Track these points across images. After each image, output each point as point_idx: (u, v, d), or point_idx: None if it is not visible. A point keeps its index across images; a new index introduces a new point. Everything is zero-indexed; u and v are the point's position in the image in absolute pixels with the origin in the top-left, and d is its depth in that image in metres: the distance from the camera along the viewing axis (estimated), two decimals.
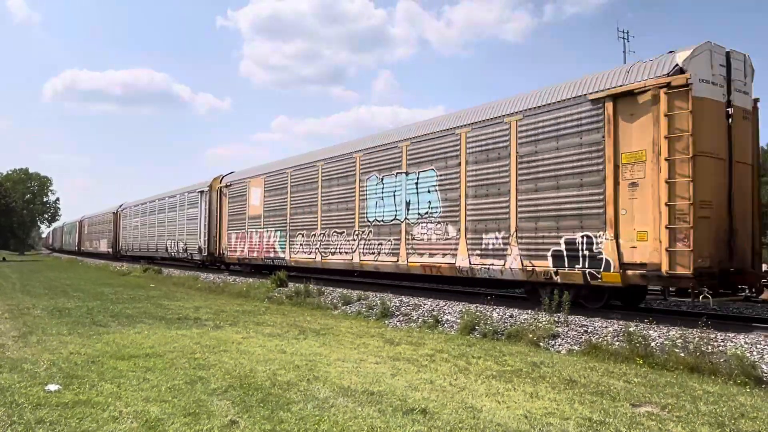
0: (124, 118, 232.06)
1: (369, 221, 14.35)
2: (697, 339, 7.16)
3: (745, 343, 7.10)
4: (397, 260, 13.27)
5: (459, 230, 11.67)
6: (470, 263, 11.34)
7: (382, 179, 14.01)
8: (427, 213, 12.54)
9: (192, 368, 6.50)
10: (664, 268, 8.23)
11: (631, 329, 7.88)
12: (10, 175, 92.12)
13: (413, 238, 12.86)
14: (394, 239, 13.43)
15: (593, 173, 9.28)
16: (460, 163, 11.81)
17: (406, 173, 13.26)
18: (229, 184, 22.79)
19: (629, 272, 8.73)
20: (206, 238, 24.43)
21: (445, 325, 10.16)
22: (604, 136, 9.14)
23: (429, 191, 12.53)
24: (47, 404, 5.01)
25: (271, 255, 19.01)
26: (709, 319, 7.77)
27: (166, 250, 30.05)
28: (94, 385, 5.70)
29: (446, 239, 12.00)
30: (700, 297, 8.06)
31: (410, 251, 12.93)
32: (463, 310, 10.44)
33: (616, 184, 8.94)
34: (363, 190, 14.71)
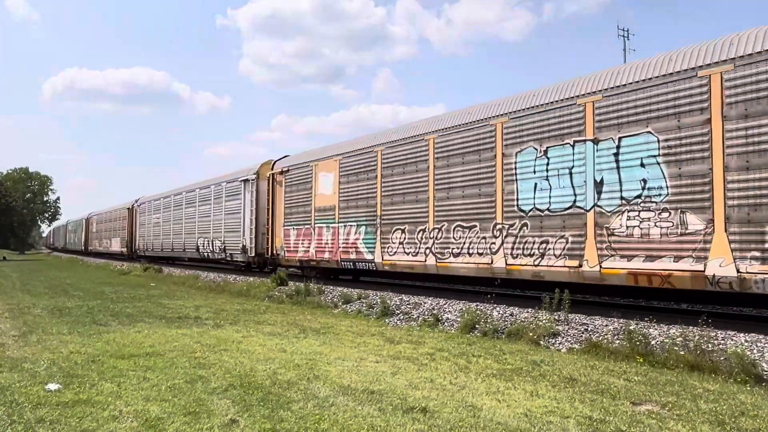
0: (123, 118, 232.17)
1: (522, 210, 10.60)
2: (697, 337, 7.16)
3: (746, 341, 7.10)
4: (580, 265, 9.53)
5: (710, 220, 8.00)
6: (738, 271, 7.67)
7: (546, 152, 10.28)
8: (638, 196, 8.84)
9: (192, 367, 6.50)
10: None
11: (631, 328, 7.88)
12: (10, 174, 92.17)
13: (611, 234, 9.15)
14: (573, 235, 9.72)
15: None
16: (709, 120, 8.07)
17: (595, 141, 9.51)
18: (285, 169, 18.50)
19: None
20: (253, 236, 20.21)
21: (446, 323, 10.16)
22: None
23: (642, 164, 8.85)
24: (47, 403, 5.01)
25: (352, 256, 15.01)
26: (709, 318, 7.76)
27: (197, 249, 25.56)
28: (95, 384, 5.70)
29: (682, 234, 8.31)
30: None
31: (606, 252, 9.20)
32: (464, 308, 10.43)
33: None
34: (510, 168, 10.91)
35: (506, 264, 10.91)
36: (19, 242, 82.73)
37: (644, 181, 8.88)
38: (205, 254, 24.84)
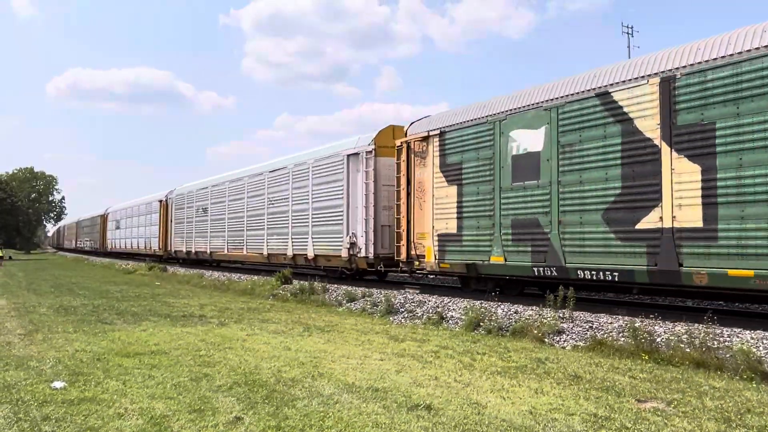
0: (127, 117, 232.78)
1: None
2: (702, 334, 7.12)
3: (751, 338, 7.06)
4: None
5: None
6: None
7: None
8: None
9: (197, 365, 6.52)
10: None
11: (636, 325, 7.84)
12: (16, 174, 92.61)
13: None
14: None
15: None
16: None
17: None
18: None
19: None
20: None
21: (450, 321, 10.15)
22: None
23: None
24: (53, 401, 5.03)
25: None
26: (714, 314, 7.72)
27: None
28: (100, 382, 5.72)
29: None
30: None
31: None
32: (468, 306, 10.41)
33: None
34: None
35: None
36: (24, 242, 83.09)
37: None
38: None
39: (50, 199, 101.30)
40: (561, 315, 9.02)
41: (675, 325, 7.87)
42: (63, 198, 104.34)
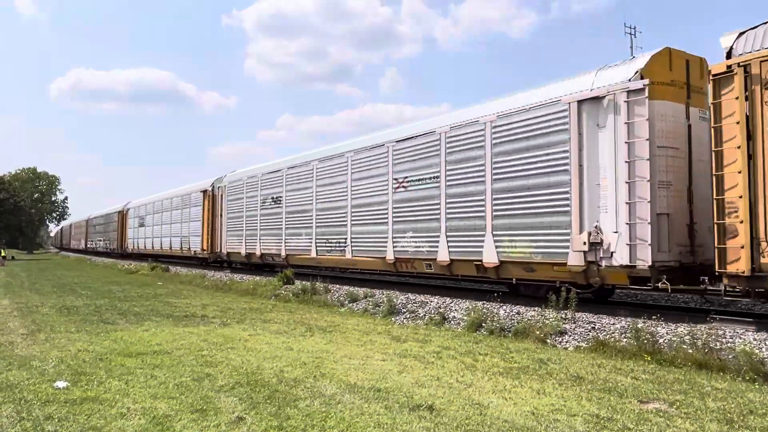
0: (130, 117, 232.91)
1: None
2: (705, 335, 7.12)
3: (754, 339, 7.06)
4: None
5: None
6: None
7: None
8: None
9: (199, 365, 6.53)
10: None
11: (639, 326, 7.84)
12: (19, 174, 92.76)
13: None
14: None
15: None
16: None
17: None
18: None
19: None
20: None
21: (452, 322, 10.15)
22: None
23: None
24: (56, 401, 5.05)
25: None
26: (717, 315, 7.71)
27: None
28: (102, 382, 5.74)
29: None
30: None
31: None
32: (470, 307, 10.41)
33: None
34: None
35: None
36: (27, 242, 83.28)
37: None
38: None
39: (53, 199, 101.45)
40: (563, 316, 9.01)
41: (677, 326, 7.86)
42: (66, 198, 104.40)
